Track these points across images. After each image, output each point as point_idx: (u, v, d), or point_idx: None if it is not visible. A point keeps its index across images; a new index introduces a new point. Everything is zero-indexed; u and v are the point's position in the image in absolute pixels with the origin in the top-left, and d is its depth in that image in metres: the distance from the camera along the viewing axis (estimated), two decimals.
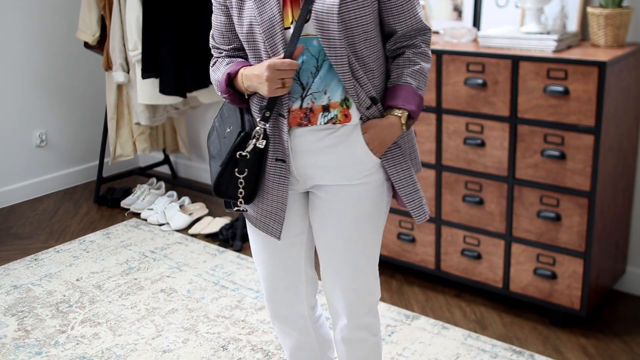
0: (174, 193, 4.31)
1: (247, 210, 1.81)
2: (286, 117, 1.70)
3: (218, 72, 1.82)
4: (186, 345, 2.80)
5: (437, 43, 3.04)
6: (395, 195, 1.87)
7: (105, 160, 4.51)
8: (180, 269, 3.46)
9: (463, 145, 2.91)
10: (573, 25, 2.95)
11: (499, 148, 2.82)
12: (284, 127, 1.71)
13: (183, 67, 3.75)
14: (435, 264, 3.13)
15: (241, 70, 1.74)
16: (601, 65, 2.52)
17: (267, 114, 1.70)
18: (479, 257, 2.97)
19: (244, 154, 1.70)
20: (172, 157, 4.84)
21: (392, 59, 1.80)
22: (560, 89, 2.61)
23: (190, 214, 4.07)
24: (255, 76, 1.68)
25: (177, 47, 3.72)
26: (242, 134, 1.71)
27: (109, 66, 4.05)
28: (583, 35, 2.97)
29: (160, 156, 4.86)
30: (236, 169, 1.71)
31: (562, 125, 2.64)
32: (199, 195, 4.41)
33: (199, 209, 4.14)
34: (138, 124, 4.07)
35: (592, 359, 2.65)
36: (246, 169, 1.72)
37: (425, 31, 1.79)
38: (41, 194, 4.55)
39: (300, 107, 1.70)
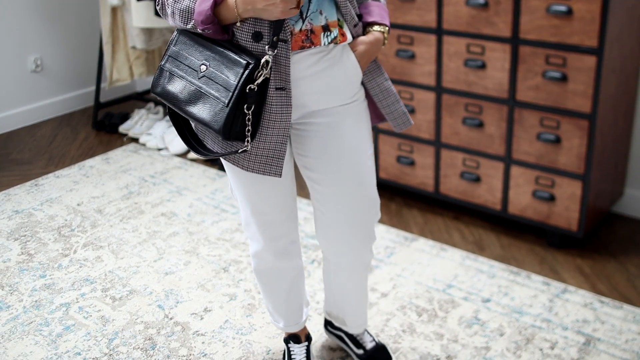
0: None
1: (248, 150, 1.67)
2: (289, 41, 1.64)
3: (186, 0, 1.63)
4: (187, 267, 2.84)
5: None
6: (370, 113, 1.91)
7: (102, 85, 4.46)
8: (180, 193, 3.47)
9: (463, 67, 2.88)
10: None
11: (499, 70, 2.78)
12: (286, 53, 1.64)
13: None
14: (435, 186, 3.14)
15: None
16: None
17: (275, 39, 1.60)
18: (478, 179, 2.98)
19: (253, 87, 1.58)
20: None
21: None
22: (563, 8, 2.56)
23: None
24: None
25: None
26: (250, 65, 1.57)
27: None
28: None
29: None
30: (245, 105, 1.60)
31: (565, 46, 2.61)
32: None
33: None
34: (134, 47, 4.01)
35: (587, 279, 2.70)
36: (254, 104, 1.61)
37: None
38: (39, 119, 4.53)
39: (301, 29, 1.66)
